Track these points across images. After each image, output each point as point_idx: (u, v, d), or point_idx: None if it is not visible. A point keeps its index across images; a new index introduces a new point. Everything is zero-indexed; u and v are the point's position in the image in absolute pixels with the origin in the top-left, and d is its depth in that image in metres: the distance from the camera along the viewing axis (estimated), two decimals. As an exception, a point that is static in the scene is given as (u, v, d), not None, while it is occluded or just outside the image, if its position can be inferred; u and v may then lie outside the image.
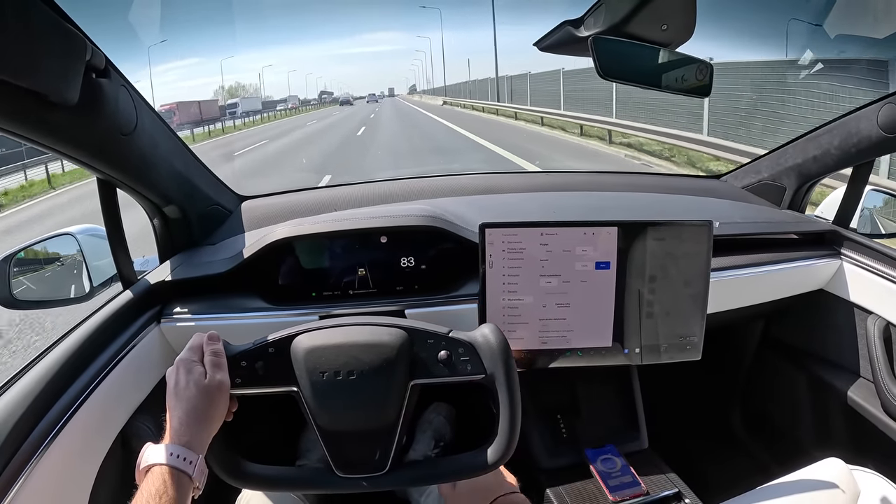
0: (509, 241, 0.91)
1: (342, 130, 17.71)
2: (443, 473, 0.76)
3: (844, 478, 0.88)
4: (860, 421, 1.18)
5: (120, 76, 0.85)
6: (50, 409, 0.79)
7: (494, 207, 1.33)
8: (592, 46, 0.78)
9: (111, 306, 0.99)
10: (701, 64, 0.87)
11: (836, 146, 1.23)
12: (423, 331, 0.71)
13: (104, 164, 0.91)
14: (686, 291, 0.94)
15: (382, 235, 1.06)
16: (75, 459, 0.81)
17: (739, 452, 1.52)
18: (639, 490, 0.97)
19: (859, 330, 1.22)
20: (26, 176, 12.28)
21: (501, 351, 0.70)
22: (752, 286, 1.21)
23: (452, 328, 0.72)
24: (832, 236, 1.27)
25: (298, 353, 0.69)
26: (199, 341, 0.70)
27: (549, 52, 0.88)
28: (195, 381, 0.66)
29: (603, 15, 0.79)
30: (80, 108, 0.74)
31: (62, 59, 0.69)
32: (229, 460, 0.71)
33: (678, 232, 0.92)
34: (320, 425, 0.69)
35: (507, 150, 9.67)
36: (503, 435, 0.70)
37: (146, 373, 1.00)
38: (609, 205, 1.37)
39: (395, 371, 0.69)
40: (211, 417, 0.66)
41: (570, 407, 1.15)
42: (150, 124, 0.97)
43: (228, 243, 1.20)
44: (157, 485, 0.60)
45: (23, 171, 12.33)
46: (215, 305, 1.06)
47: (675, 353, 0.96)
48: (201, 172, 1.22)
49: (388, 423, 0.70)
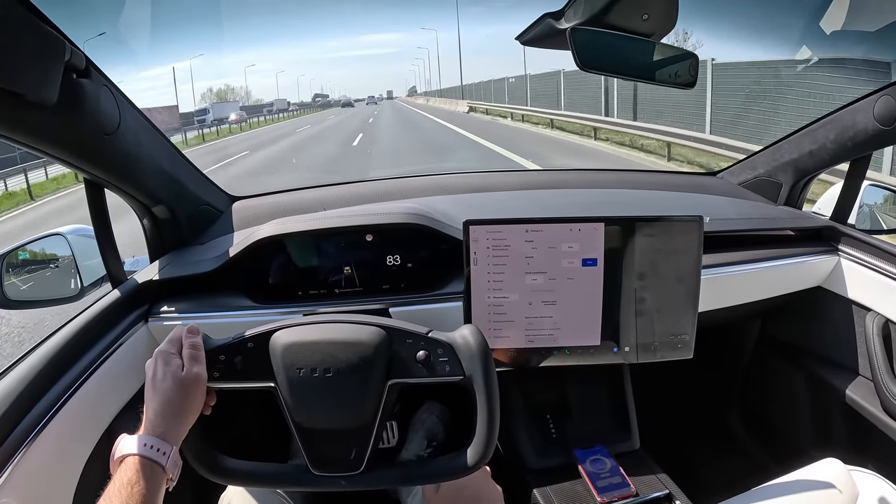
0: (494, 239, 0.90)
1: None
2: (419, 475, 0.75)
3: (843, 478, 0.86)
4: (859, 420, 1.16)
5: (102, 76, 0.86)
6: (34, 406, 0.79)
7: (482, 205, 1.32)
8: (570, 37, 0.77)
9: (98, 305, 0.99)
10: (687, 55, 0.85)
11: (833, 140, 1.21)
12: (402, 330, 0.70)
13: (88, 163, 0.92)
14: (677, 288, 0.92)
15: (368, 234, 1.06)
16: (59, 457, 0.81)
17: (736, 452, 1.49)
18: (628, 491, 0.95)
19: (858, 327, 1.19)
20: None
21: (480, 353, 0.69)
22: (748, 283, 1.19)
23: (433, 328, 0.72)
24: (830, 232, 1.25)
25: (276, 349, 0.69)
26: (178, 334, 0.70)
27: (531, 45, 0.88)
28: (172, 373, 0.66)
29: (583, 6, 0.78)
30: (59, 107, 0.74)
31: (40, 60, 0.69)
32: (205, 453, 0.71)
33: (668, 228, 0.90)
34: (297, 422, 0.69)
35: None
36: (480, 437, 0.69)
37: (133, 371, 1.00)
38: (600, 201, 1.35)
39: (373, 370, 0.68)
40: (187, 410, 0.66)
41: (560, 407, 1.13)
42: (135, 124, 0.97)
43: (217, 243, 1.20)
44: (130, 475, 0.60)
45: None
46: (202, 304, 1.06)
47: (667, 352, 0.94)
48: (190, 172, 1.22)
49: (364, 422, 0.69)
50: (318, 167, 10.56)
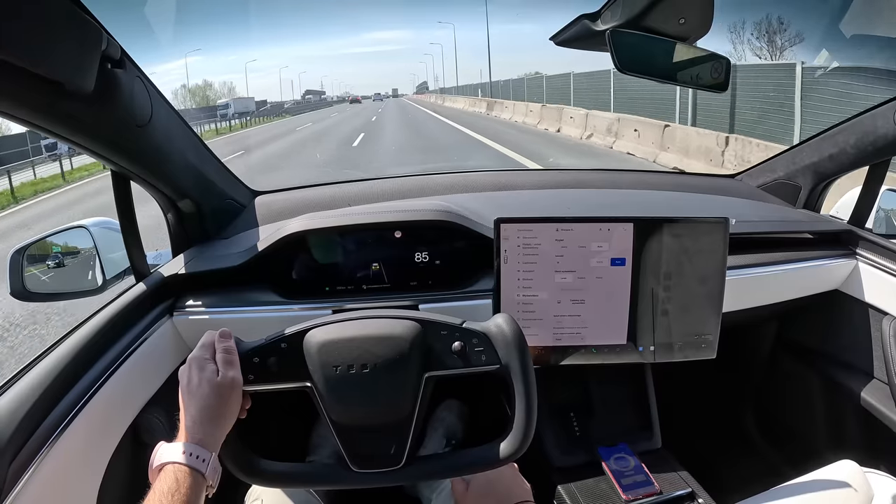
0: (524, 237, 0.90)
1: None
2: (457, 466, 0.75)
3: (858, 480, 0.86)
4: (874, 423, 1.17)
5: (135, 67, 0.85)
6: (61, 399, 0.79)
7: (508, 203, 1.33)
8: (610, 40, 0.77)
9: (124, 298, 0.99)
10: (718, 59, 0.86)
11: (853, 145, 1.22)
12: (437, 322, 0.70)
13: (119, 155, 0.91)
14: (701, 289, 0.93)
15: (397, 230, 1.06)
16: (85, 451, 0.81)
17: (752, 453, 1.50)
18: (652, 489, 0.96)
19: (874, 331, 1.20)
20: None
21: (516, 340, 0.69)
22: (766, 285, 1.20)
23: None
24: (848, 236, 1.26)
25: (311, 348, 0.68)
26: (210, 339, 0.69)
27: (566, 46, 0.88)
28: (207, 378, 0.65)
29: (620, 8, 0.79)
30: (95, 97, 0.74)
31: (78, 48, 0.69)
32: (243, 458, 0.70)
33: (694, 229, 0.91)
34: (334, 420, 0.69)
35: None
36: (518, 427, 0.68)
37: (158, 366, 1.00)
38: (623, 202, 1.36)
39: (409, 363, 0.68)
40: (224, 415, 0.65)
41: (584, 405, 1.14)
42: (166, 117, 0.97)
43: (241, 237, 1.20)
44: (170, 483, 0.59)
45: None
46: (228, 299, 1.06)
47: (690, 352, 0.95)
48: (215, 167, 1.22)
49: (402, 416, 0.69)
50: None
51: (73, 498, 0.79)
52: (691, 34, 0.82)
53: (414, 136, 15.72)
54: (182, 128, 1.05)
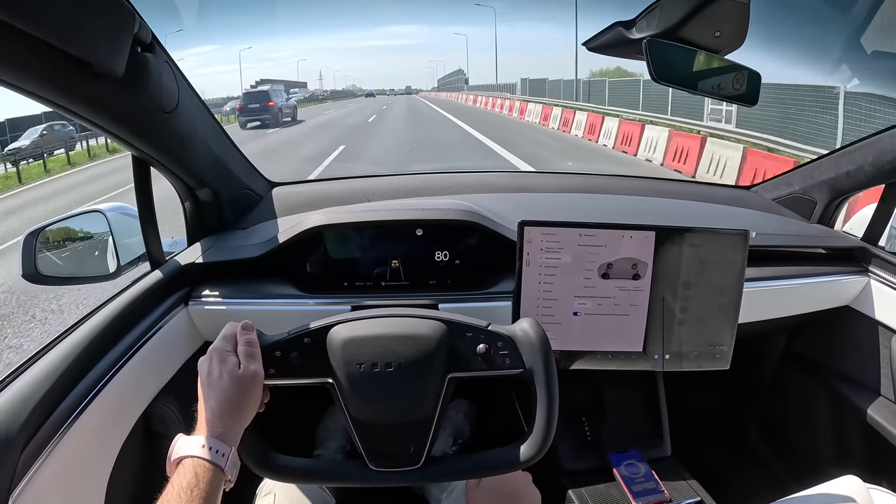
0: (547, 240, 0.90)
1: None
2: (474, 468, 0.75)
3: (861, 496, 0.87)
4: (879, 440, 1.17)
5: (164, 52, 0.85)
6: (74, 387, 0.78)
7: (529, 206, 1.33)
8: (646, 49, 0.77)
9: (140, 285, 0.99)
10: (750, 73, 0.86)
11: (870, 163, 1.22)
12: (462, 324, 0.70)
13: (143, 140, 0.91)
14: (718, 300, 0.93)
15: (418, 228, 1.06)
16: (97, 439, 0.81)
17: (757, 464, 1.51)
18: (662, 497, 0.97)
19: (883, 349, 1.21)
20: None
21: (541, 345, 0.69)
22: (777, 299, 1.20)
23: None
24: (861, 253, 1.26)
25: (335, 344, 0.68)
26: (232, 330, 0.69)
27: (599, 52, 0.88)
28: (229, 371, 0.64)
29: (657, 18, 0.79)
30: (124, 81, 0.74)
31: (110, 29, 0.69)
32: (260, 452, 0.70)
33: (714, 239, 0.91)
34: (355, 417, 0.68)
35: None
36: (539, 431, 0.69)
37: (172, 354, 1.00)
38: (643, 209, 1.36)
39: (433, 364, 0.68)
40: (244, 409, 0.64)
41: (596, 410, 1.15)
42: (191, 104, 0.96)
43: (259, 228, 1.20)
44: (189, 478, 0.58)
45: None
46: (244, 290, 1.06)
47: (704, 362, 0.95)
48: (236, 157, 1.22)
49: (424, 416, 0.69)
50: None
51: (84, 486, 0.79)
52: (724, 47, 0.82)
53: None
54: (206, 116, 1.05)
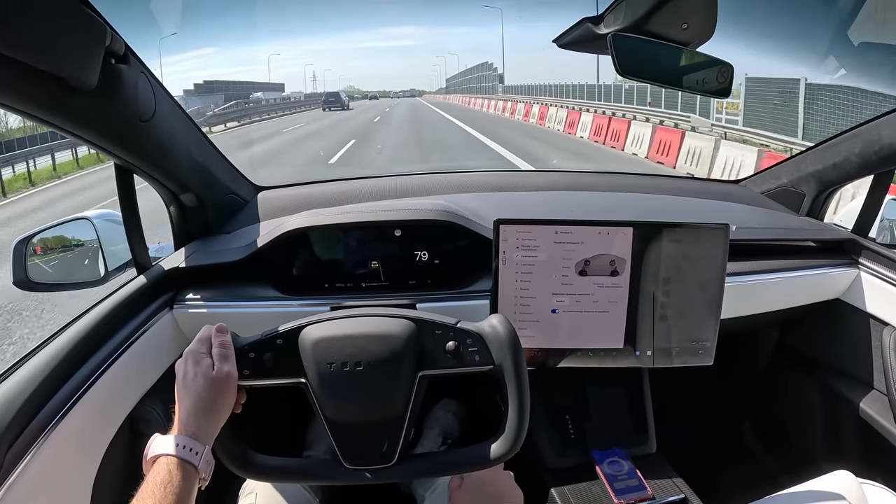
0: (524, 238, 0.90)
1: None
2: (448, 465, 0.76)
3: (853, 491, 0.86)
4: (872, 434, 1.16)
5: (139, 63, 0.87)
6: (59, 389, 0.80)
7: (510, 204, 1.33)
8: (611, 44, 0.77)
9: (125, 290, 1.00)
10: (722, 65, 0.86)
11: (857, 154, 1.21)
12: (431, 322, 0.71)
13: (123, 149, 0.92)
14: (700, 295, 0.93)
15: (397, 229, 1.07)
16: (82, 440, 0.82)
17: (748, 461, 1.50)
18: (644, 494, 0.96)
19: (874, 341, 1.19)
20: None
21: (510, 341, 0.69)
22: (767, 293, 1.19)
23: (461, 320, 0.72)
24: (850, 245, 1.25)
25: (306, 345, 0.69)
26: (207, 333, 0.71)
27: (568, 49, 0.88)
28: (203, 372, 0.66)
29: (623, 12, 0.79)
30: (99, 92, 0.75)
31: (82, 44, 0.70)
32: (237, 451, 0.71)
33: (694, 234, 0.91)
34: (328, 416, 0.69)
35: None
36: (511, 428, 0.69)
37: (157, 358, 1.01)
38: (625, 205, 1.36)
39: (403, 362, 0.69)
40: (219, 409, 0.66)
41: (579, 408, 1.14)
42: (169, 112, 0.98)
43: (243, 232, 1.21)
44: (163, 475, 0.60)
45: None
46: (228, 293, 1.07)
47: (688, 358, 0.95)
48: (219, 161, 1.23)
49: (395, 414, 0.69)
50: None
51: (69, 486, 0.80)
52: (693, 39, 0.81)
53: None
54: (185, 123, 1.06)
